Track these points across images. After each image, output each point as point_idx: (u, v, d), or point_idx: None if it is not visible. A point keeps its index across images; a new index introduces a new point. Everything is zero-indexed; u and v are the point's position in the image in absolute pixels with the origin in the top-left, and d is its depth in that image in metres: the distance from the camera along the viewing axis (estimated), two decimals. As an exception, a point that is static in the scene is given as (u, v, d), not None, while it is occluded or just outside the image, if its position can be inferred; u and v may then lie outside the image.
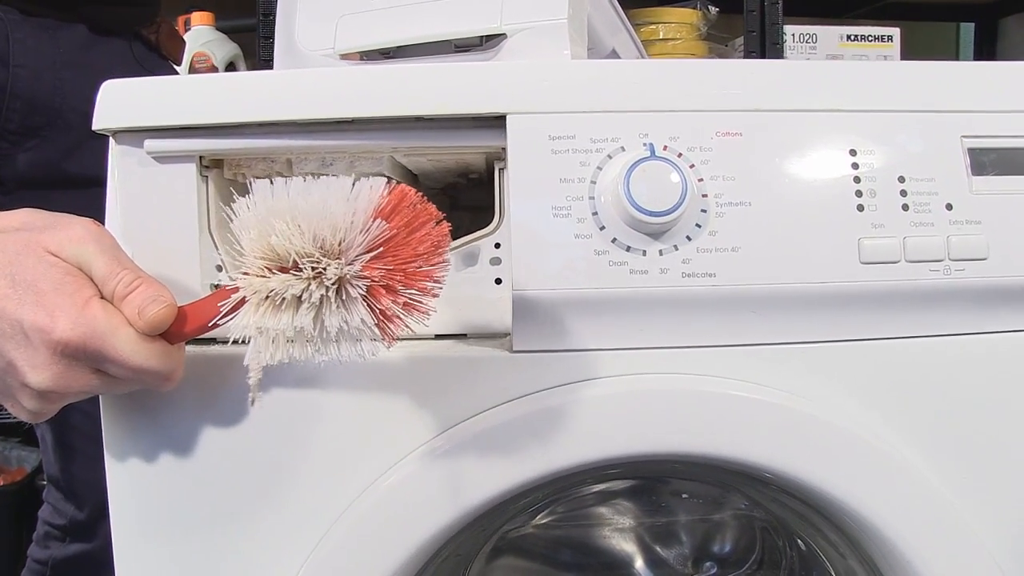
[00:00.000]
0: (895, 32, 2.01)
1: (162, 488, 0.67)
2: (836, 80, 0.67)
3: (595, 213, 0.63)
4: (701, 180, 0.63)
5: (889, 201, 0.65)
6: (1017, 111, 0.68)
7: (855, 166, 0.65)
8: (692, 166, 0.63)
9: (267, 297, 0.52)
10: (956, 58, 2.58)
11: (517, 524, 0.92)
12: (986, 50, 2.47)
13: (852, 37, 2.00)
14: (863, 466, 0.66)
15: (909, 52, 2.01)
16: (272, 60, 1.77)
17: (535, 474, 0.64)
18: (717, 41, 1.98)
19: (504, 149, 0.66)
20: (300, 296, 0.52)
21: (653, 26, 1.92)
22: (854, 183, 0.65)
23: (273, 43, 1.81)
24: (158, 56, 1.15)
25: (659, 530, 1.01)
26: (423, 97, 0.65)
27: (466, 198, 0.95)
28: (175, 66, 1.21)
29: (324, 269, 0.52)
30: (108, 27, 1.02)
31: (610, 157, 0.63)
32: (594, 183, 0.63)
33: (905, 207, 0.65)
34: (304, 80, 0.68)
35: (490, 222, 0.70)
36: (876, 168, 0.65)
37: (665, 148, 0.64)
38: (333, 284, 0.52)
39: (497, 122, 0.65)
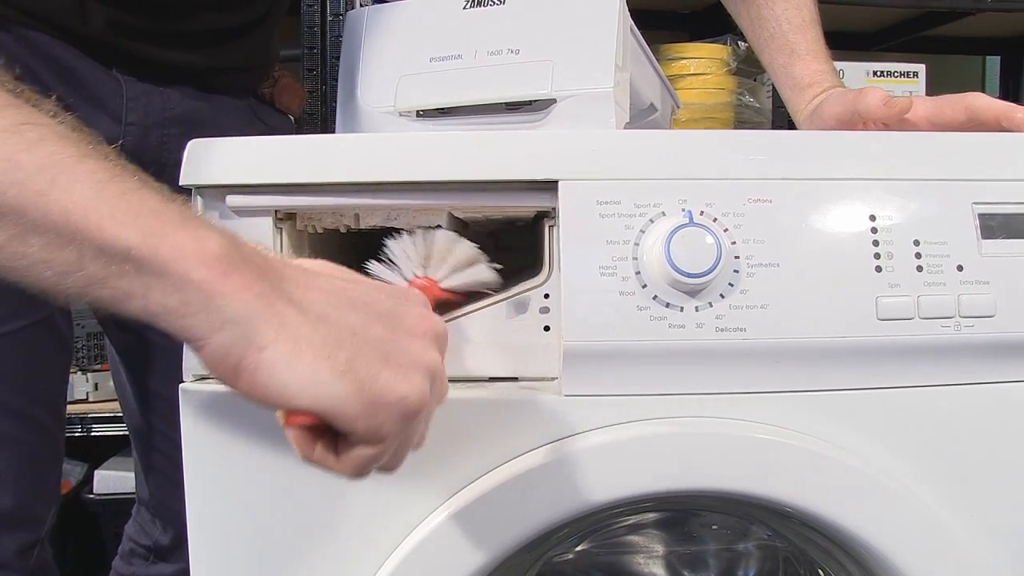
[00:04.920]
0: (920, 68, 2.05)
1: (239, 510, 0.73)
2: (857, 150, 0.73)
3: (638, 272, 0.68)
4: (734, 243, 0.69)
5: (905, 262, 0.70)
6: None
7: (874, 230, 0.70)
8: (726, 230, 0.69)
9: None
10: (982, 91, 2.59)
11: (561, 550, 0.98)
12: (1011, 83, 2.50)
13: (878, 73, 2.04)
14: (879, 504, 0.71)
15: (935, 85, 2.04)
16: (315, 92, 1.85)
17: (582, 506, 0.69)
18: (746, 76, 2.02)
19: (554, 208, 0.72)
20: None
21: (683, 61, 1.96)
22: (873, 246, 0.70)
23: (316, 75, 1.89)
24: (273, 109, 1.18)
25: (688, 557, 1.06)
26: (481, 163, 0.72)
27: (509, 239, 1.01)
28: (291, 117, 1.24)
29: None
30: (220, 91, 1.05)
31: (652, 221, 0.69)
32: (637, 245, 0.69)
33: (919, 268, 0.70)
34: (370, 145, 0.74)
35: (532, 262, 0.75)
36: (893, 232, 0.70)
37: (702, 213, 0.69)
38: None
39: (549, 186, 0.71)
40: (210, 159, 0.73)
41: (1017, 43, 2.43)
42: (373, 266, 0.73)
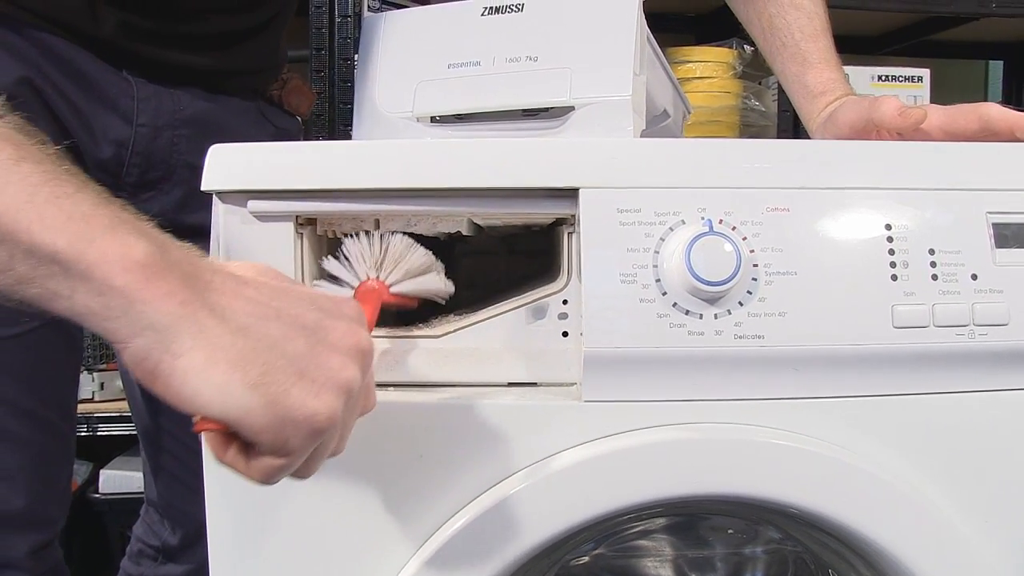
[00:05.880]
0: (925, 73, 2.06)
1: (258, 509, 0.74)
2: (873, 160, 0.74)
3: (658, 280, 0.69)
4: (752, 252, 0.70)
5: (920, 271, 0.71)
6: (1039, 189, 0.73)
7: (889, 239, 0.71)
8: (745, 238, 0.70)
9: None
10: (985, 96, 2.61)
11: (577, 555, 0.99)
12: (1015, 88, 2.52)
13: (883, 78, 2.05)
14: (893, 509, 0.72)
15: (939, 89, 2.05)
16: (323, 93, 1.86)
17: (602, 510, 0.70)
18: (751, 79, 2.04)
19: (574, 216, 0.73)
20: None
21: (690, 64, 1.98)
22: (888, 255, 0.71)
23: (324, 76, 1.90)
24: (282, 110, 1.19)
25: (697, 561, 1.06)
26: (502, 170, 0.72)
27: (522, 243, 1.02)
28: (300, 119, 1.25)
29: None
30: (229, 92, 1.07)
31: (672, 229, 0.70)
32: (657, 253, 0.70)
33: (934, 277, 0.71)
34: (391, 152, 0.75)
35: (545, 266, 0.76)
36: (908, 241, 0.71)
37: (721, 222, 0.70)
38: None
39: (569, 193, 0.72)
40: (232, 164, 0.74)
41: (1020, 48, 2.45)
42: (329, 263, 0.75)
